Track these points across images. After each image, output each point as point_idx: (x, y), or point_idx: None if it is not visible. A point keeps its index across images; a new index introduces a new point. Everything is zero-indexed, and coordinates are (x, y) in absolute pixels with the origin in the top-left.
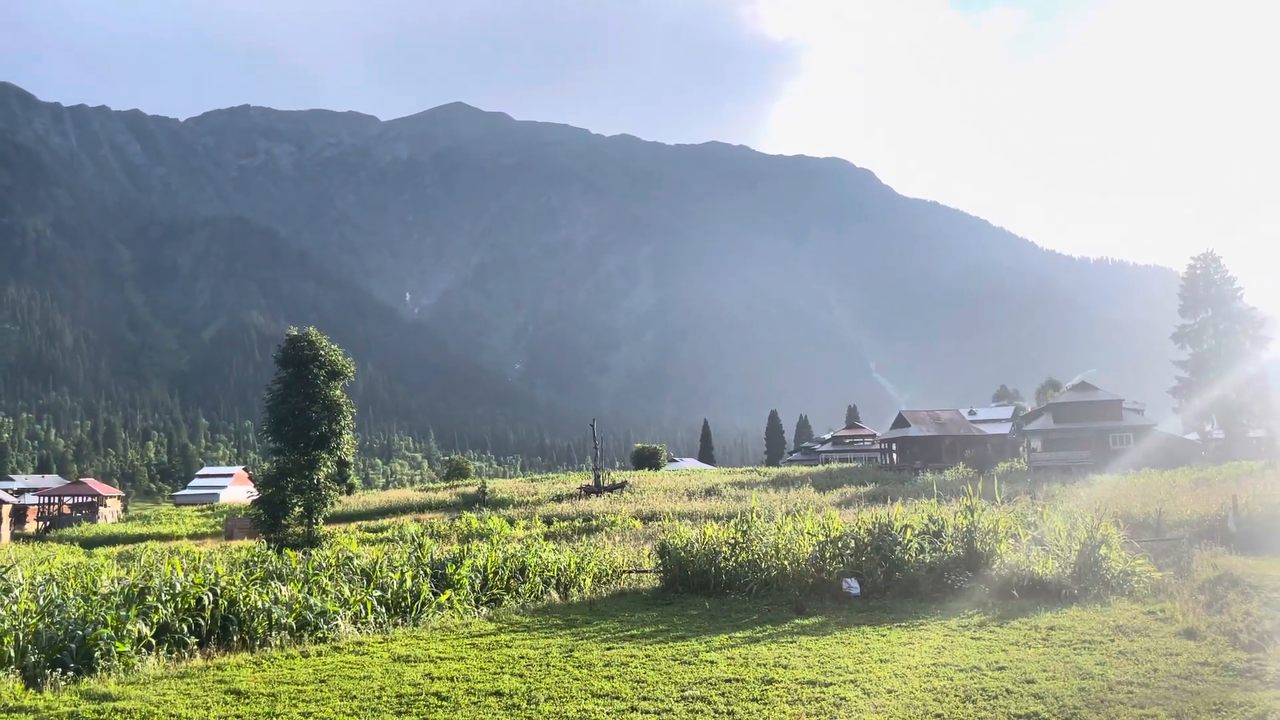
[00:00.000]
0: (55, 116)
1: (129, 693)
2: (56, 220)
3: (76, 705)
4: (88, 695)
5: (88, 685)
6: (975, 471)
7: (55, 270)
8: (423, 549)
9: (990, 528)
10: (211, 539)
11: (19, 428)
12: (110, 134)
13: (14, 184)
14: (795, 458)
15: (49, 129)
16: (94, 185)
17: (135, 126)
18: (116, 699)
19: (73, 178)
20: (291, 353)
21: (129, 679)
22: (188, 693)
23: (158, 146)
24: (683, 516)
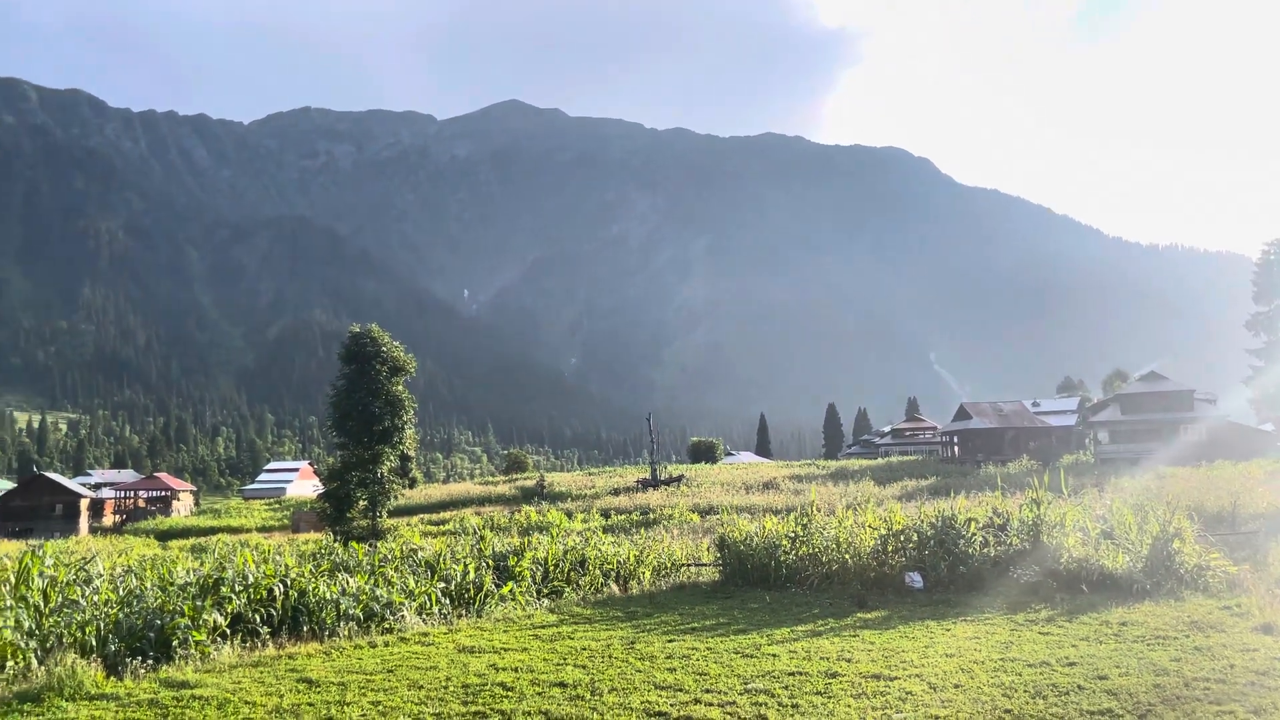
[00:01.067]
0: (125, 122)
1: (205, 680)
2: (128, 223)
3: (156, 692)
4: (166, 683)
5: (166, 673)
6: (1039, 464)
7: (128, 271)
8: (484, 541)
9: (1057, 521)
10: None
11: (95, 424)
12: (178, 138)
13: (88, 188)
14: (854, 451)
15: (120, 134)
16: (163, 188)
17: (201, 130)
18: (194, 686)
19: (143, 181)
20: (354, 349)
21: (205, 667)
22: (261, 681)
23: (223, 149)
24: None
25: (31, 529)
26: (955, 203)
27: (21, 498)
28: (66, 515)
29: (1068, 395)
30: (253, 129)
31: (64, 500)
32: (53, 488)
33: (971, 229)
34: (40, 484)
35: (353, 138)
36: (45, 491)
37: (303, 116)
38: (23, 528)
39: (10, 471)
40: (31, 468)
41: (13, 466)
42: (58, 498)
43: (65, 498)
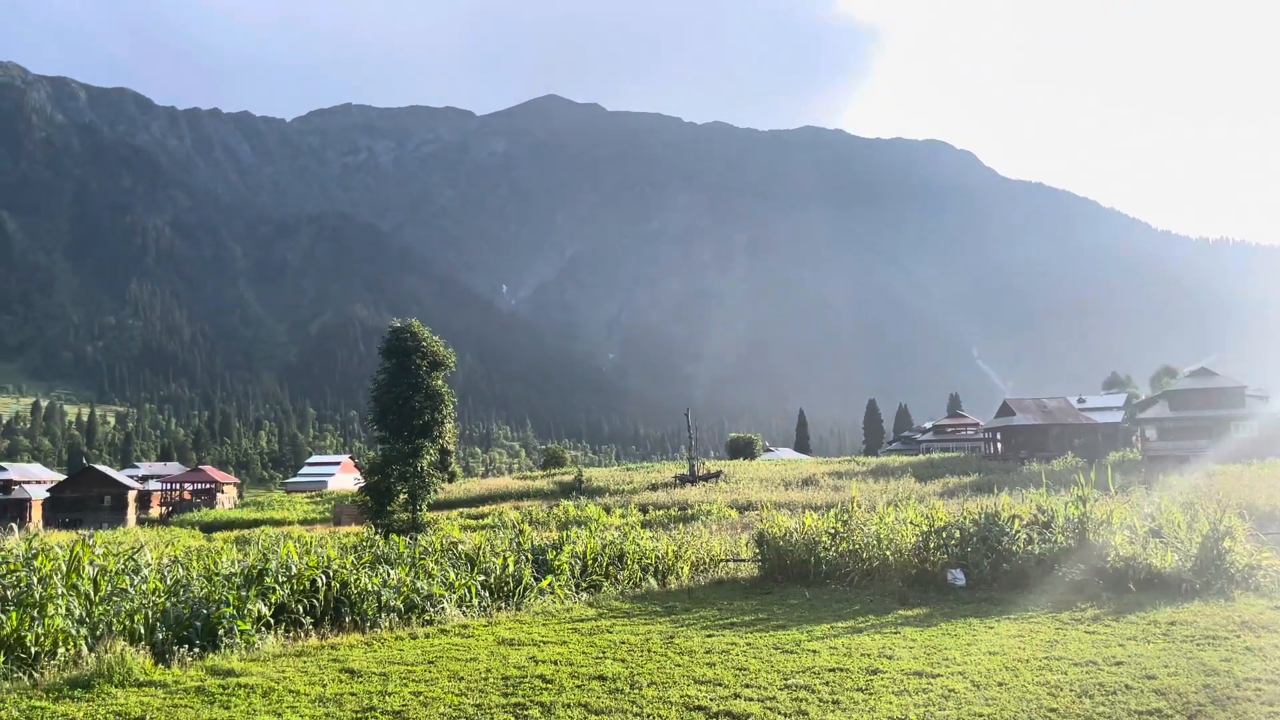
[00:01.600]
0: (171, 120)
1: (250, 669)
2: (174, 219)
3: (203, 680)
4: (212, 670)
5: (212, 661)
6: (1085, 461)
7: (174, 267)
8: (523, 535)
9: (1104, 518)
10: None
11: (142, 417)
12: (222, 135)
13: (135, 185)
14: (895, 447)
15: (166, 132)
16: (208, 185)
17: (245, 128)
18: (239, 674)
19: (188, 178)
20: (395, 344)
21: (250, 656)
22: (305, 670)
23: (266, 146)
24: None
25: (81, 519)
26: (999, 196)
27: (72, 489)
28: (115, 506)
29: (1114, 391)
30: (295, 126)
31: (112, 492)
32: (102, 480)
33: (1016, 222)
34: (90, 476)
35: (393, 134)
36: (94, 483)
37: (344, 113)
38: (73, 518)
39: (61, 463)
40: (81, 460)
41: (63, 459)
42: (106, 489)
43: (114, 489)
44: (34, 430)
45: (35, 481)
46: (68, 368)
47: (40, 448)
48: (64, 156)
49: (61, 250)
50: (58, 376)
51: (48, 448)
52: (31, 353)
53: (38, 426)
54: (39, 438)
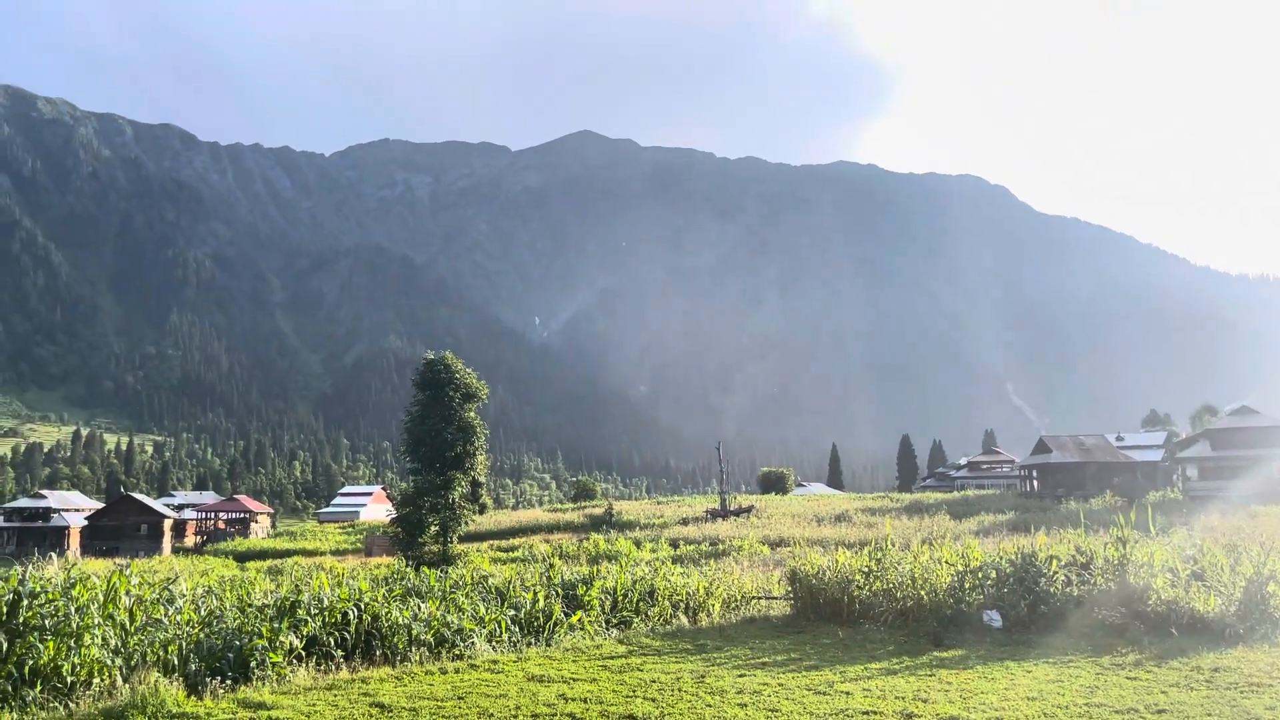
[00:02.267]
0: (214, 154)
1: (281, 702)
2: (215, 252)
3: (234, 713)
4: (244, 703)
5: (244, 693)
6: (1124, 501)
7: (213, 299)
8: (553, 569)
9: (1145, 561)
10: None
11: (179, 446)
12: (263, 169)
13: (178, 218)
14: (929, 484)
15: (208, 166)
16: (248, 218)
17: (285, 162)
18: (270, 707)
19: (229, 211)
20: (429, 376)
21: (281, 689)
22: (335, 704)
23: (305, 180)
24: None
25: (118, 548)
26: (1033, 230)
27: (110, 517)
28: (151, 535)
29: (1153, 430)
30: (334, 160)
31: (149, 520)
32: (139, 508)
33: (1051, 257)
34: (127, 504)
35: (430, 169)
36: (132, 512)
37: (382, 148)
38: (110, 546)
39: (99, 491)
40: (119, 488)
41: (101, 486)
42: (143, 518)
43: (150, 518)
44: (74, 458)
45: (74, 509)
46: (108, 397)
47: (80, 475)
48: (110, 190)
49: (105, 281)
50: (99, 405)
51: (87, 475)
52: (74, 382)
53: (78, 454)
54: (78, 466)
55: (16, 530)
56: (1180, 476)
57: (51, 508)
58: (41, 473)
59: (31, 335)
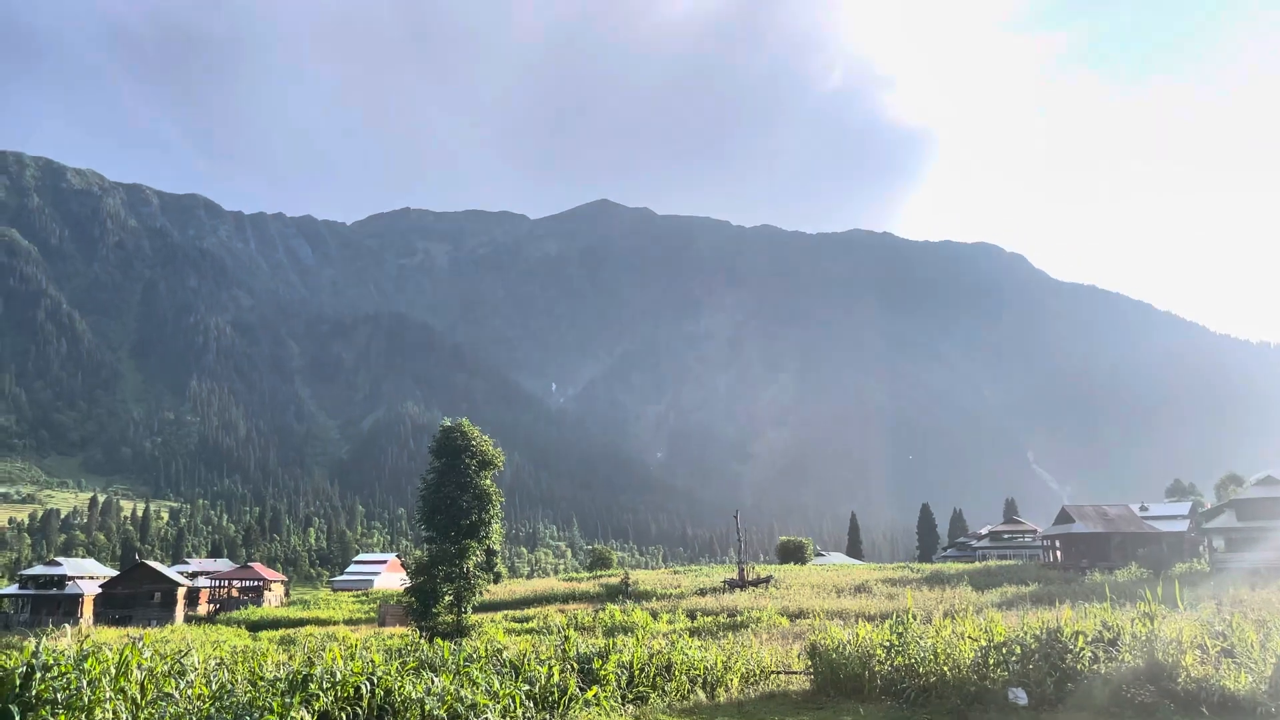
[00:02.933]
0: (238, 223)
1: None
2: (236, 319)
3: None
4: None
5: None
6: (1150, 572)
7: (233, 365)
8: (569, 642)
9: (1173, 637)
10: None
11: (195, 513)
12: (285, 238)
13: (200, 286)
14: (950, 554)
15: (232, 235)
16: (270, 286)
17: (307, 230)
18: None
19: (251, 279)
20: (445, 443)
21: None
22: None
23: (327, 249)
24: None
25: (131, 616)
26: (1051, 299)
27: (124, 585)
28: (164, 603)
29: (1178, 500)
30: (355, 229)
31: (162, 588)
32: (153, 576)
33: (1069, 325)
34: (141, 572)
35: (450, 237)
36: (146, 580)
37: (402, 217)
38: (123, 615)
39: (115, 558)
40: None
41: (117, 553)
42: (157, 586)
43: (163, 586)
44: (90, 525)
45: (88, 577)
46: (126, 463)
47: (95, 542)
48: (135, 259)
49: (128, 348)
50: (116, 471)
51: (103, 542)
52: (93, 448)
53: (94, 521)
54: (95, 532)
55: (31, 598)
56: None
57: (66, 575)
58: (58, 539)
59: (53, 402)
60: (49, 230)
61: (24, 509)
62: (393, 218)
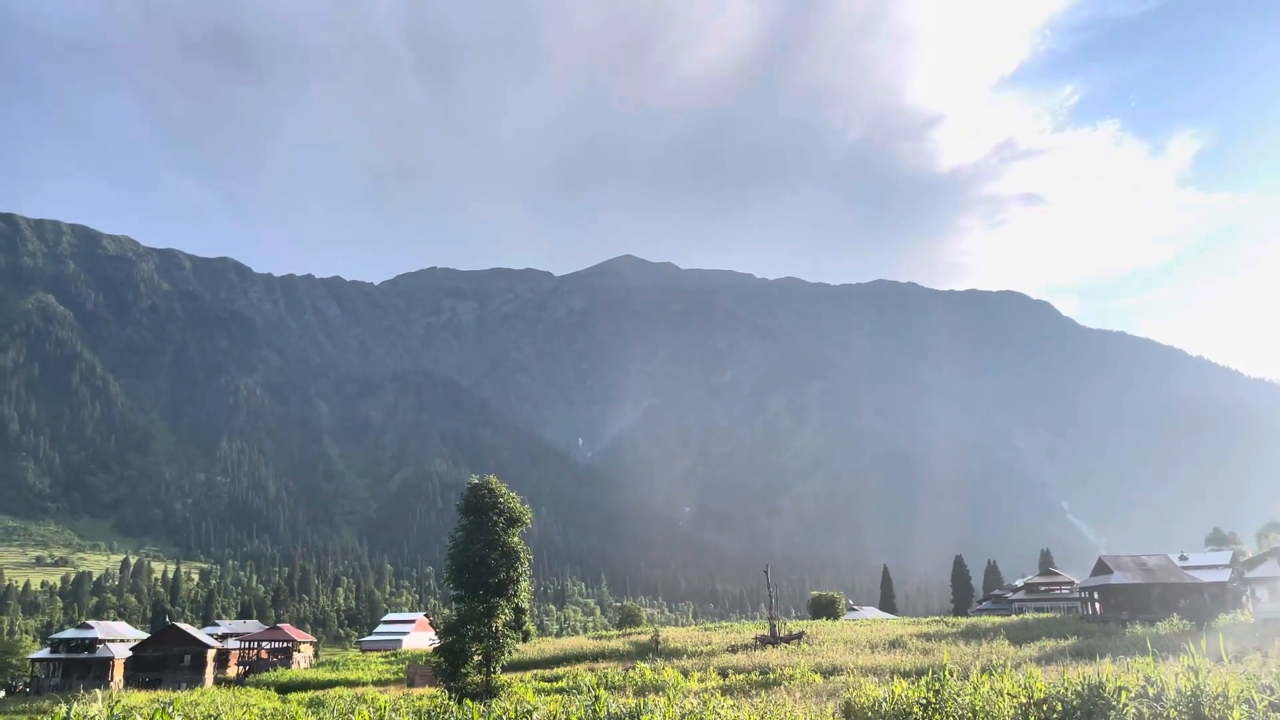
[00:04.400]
0: (267, 285)
1: None
2: (265, 379)
3: None
4: None
5: None
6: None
7: (262, 425)
8: (599, 702)
9: (1218, 691)
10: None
11: (225, 574)
12: (314, 299)
13: (230, 347)
14: (985, 607)
15: (261, 297)
16: (298, 346)
17: (335, 291)
18: None
19: (280, 340)
20: (473, 500)
21: None
22: None
23: (355, 309)
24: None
25: (161, 679)
26: (1080, 346)
27: (154, 648)
28: (193, 666)
29: (1218, 548)
30: (382, 289)
31: (192, 651)
32: (183, 638)
33: (1099, 372)
34: (172, 635)
35: (475, 295)
36: (176, 642)
37: (429, 276)
38: (153, 677)
39: (145, 620)
40: (164, 617)
41: (147, 615)
42: (187, 648)
43: (193, 648)
44: (122, 587)
45: (119, 640)
46: (158, 524)
47: (126, 604)
48: (167, 322)
49: (159, 410)
50: (147, 533)
51: (134, 604)
52: (124, 509)
53: (125, 583)
54: (125, 595)
55: (62, 662)
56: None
57: (97, 638)
58: (89, 602)
59: (86, 464)
60: (84, 295)
61: (56, 572)
62: (419, 277)
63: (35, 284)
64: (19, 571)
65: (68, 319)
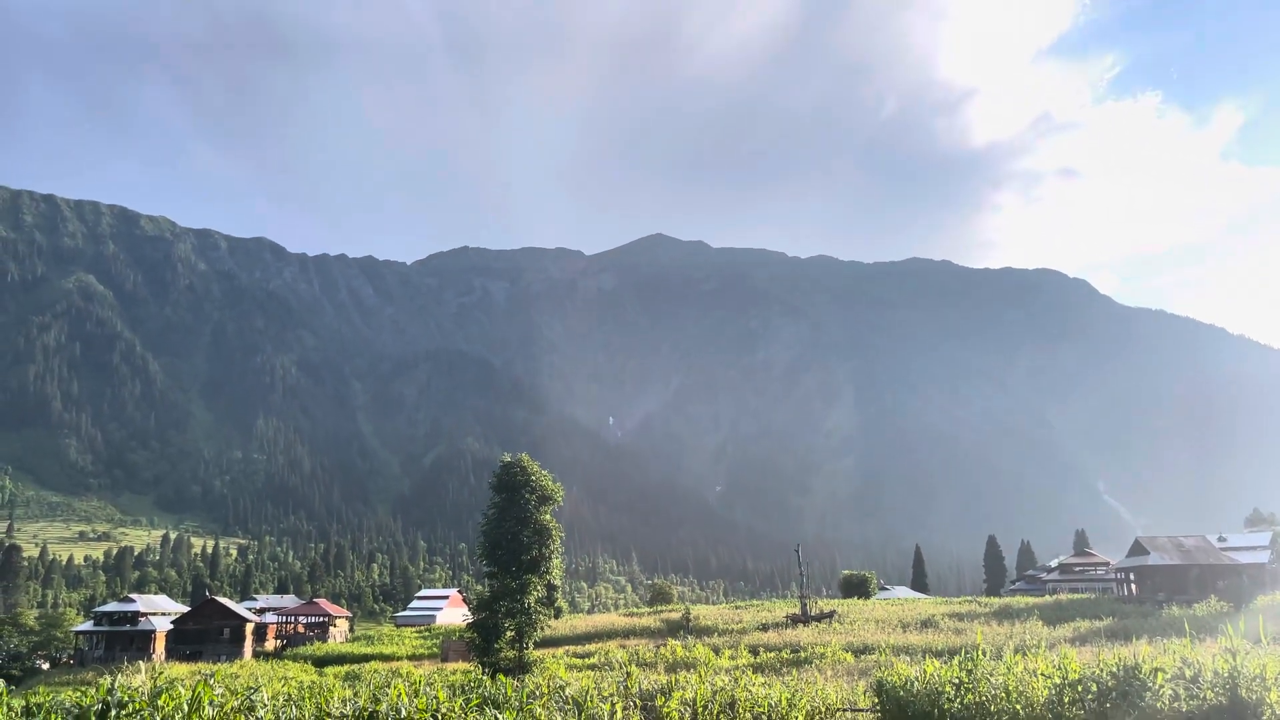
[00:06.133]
0: (302, 266)
1: None
2: (301, 359)
3: None
4: None
5: None
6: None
7: (298, 404)
8: (631, 679)
9: (1257, 673)
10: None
11: (262, 549)
12: (348, 279)
13: (266, 327)
14: (1018, 587)
15: (296, 277)
16: (333, 326)
17: (369, 271)
18: None
19: (315, 319)
20: (505, 478)
21: None
22: None
23: (388, 288)
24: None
25: (201, 651)
26: (1117, 324)
27: (194, 621)
28: (232, 639)
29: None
30: (415, 268)
31: (231, 624)
32: (222, 612)
33: (1137, 351)
34: (211, 608)
35: (507, 274)
36: (215, 616)
37: (461, 256)
38: (193, 650)
39: (185, 594)
40: (204, 591)
41: (187, 590)
42: (226, 622)
43: (232, 622)
44: (162, 561)
45: (161, 613)
46: (196, 501)
47: (167, 579)
48: (204, 302)
49: (197, 389)
50: (187, 509)
51: (174, 579)
52: (164, 486)
53: (166, 558)
54: (166, 569)
55: (105, 634)
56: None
57: (140, 612)
58: (131, 576)
59: (127, 441)
60: (124, 275)
61: (99, 547)
62: (452, 256)
63: (76, 264)
64: (62, 546)
65: (107, 299)
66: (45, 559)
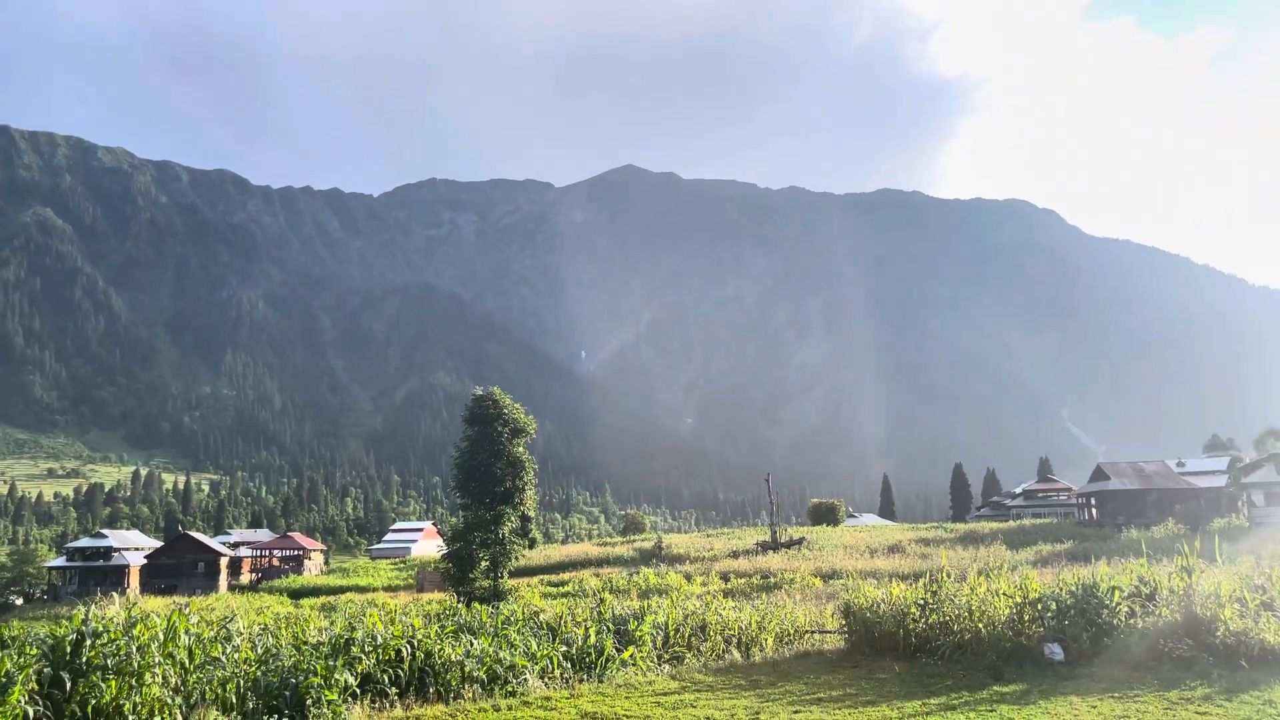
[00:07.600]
0: (266, 198)
1: None
2: (268, 293)
3: None
4: None
5: None
6: (1187, 529)
7: (266, 339)
8: (604, 605)
9: (1211, 591)
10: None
11: (234, 485)
12: (313, 212)
13: (232, 260)
14: (983, 513)
15: (261, 210)
16: (299, 259)
17: (335, 204)
18: None
19: (281, 253)
20: (477, 411)
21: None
22: None
23: (355, 222)
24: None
25: (176, 585)
26: (1085, 255)
27: (168, 556)
28: (207, 573)
29: (1216, 455)
30: (382, 201)
31: (205, 559)
32: (196, 546)
33: (1104, 281)
34: (185, 543)
35: (475, 207)
36: (189, 550)
37: (429, 188)
38: (168, 584)
39: (158, 530)
40: (177, 527)
41: (160, 525)
42: (200, 556)
43: (207, 556)
44: (134, 498)
45: (134, 548)
46: (166, 437)
47: (139, 515)
48: (167, 236)
49: (163, 324)
50: (157, 445)
51: (146, 514)
52: (133, 422)
53: (137, 494)
54: (138, 505)
55: (78, 570)
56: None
57: (112, 547)
58: (102, 512)
59: (92, 378)
60: (82, 209)
61: (69, 483)
62: (419, 189)
63: (32, 197)
64: (31, 483)
65: (67, 232)
66: (15, 496)
